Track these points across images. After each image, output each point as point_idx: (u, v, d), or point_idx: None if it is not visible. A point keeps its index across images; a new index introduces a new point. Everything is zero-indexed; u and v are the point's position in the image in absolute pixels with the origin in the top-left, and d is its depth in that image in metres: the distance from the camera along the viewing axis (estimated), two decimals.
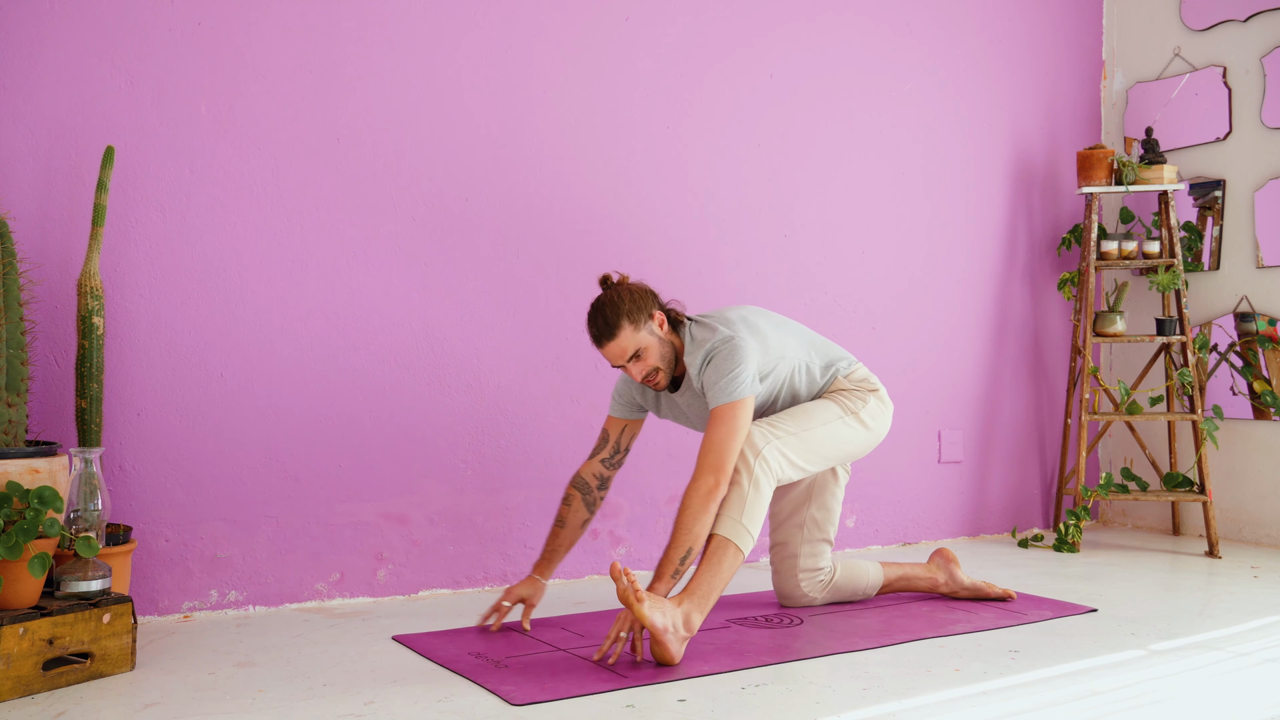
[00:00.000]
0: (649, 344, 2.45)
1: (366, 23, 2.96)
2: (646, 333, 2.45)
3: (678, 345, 2.51)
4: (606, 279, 2.51)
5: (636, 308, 2.43)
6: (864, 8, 3.82)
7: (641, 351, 2.45)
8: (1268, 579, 3.25)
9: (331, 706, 2.00)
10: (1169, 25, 4.23)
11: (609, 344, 2.43)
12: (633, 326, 2.42)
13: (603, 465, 2.68)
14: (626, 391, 2.68)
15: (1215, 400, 3.98)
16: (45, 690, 2.06)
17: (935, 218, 3.99)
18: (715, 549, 2.31)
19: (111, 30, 2.66)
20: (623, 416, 2.69)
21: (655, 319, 2.46)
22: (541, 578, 2.61)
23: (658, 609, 2.19)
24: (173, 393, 2.73)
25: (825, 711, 1.97)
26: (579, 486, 2.66)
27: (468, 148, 3.10)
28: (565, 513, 2.64)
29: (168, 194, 2.73)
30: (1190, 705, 2.02)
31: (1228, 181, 4.02)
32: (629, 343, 2.43)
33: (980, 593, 2.89)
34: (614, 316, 2.42)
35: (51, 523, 2.08)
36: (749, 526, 2.34)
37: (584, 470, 2.68)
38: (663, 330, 2.48)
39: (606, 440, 2.69)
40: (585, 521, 2.66)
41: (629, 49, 3.36)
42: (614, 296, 2.44)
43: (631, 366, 2.46)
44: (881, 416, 2.67)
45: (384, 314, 2.98)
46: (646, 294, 2.48)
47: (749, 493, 2.35)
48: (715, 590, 2.29)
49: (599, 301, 2.46)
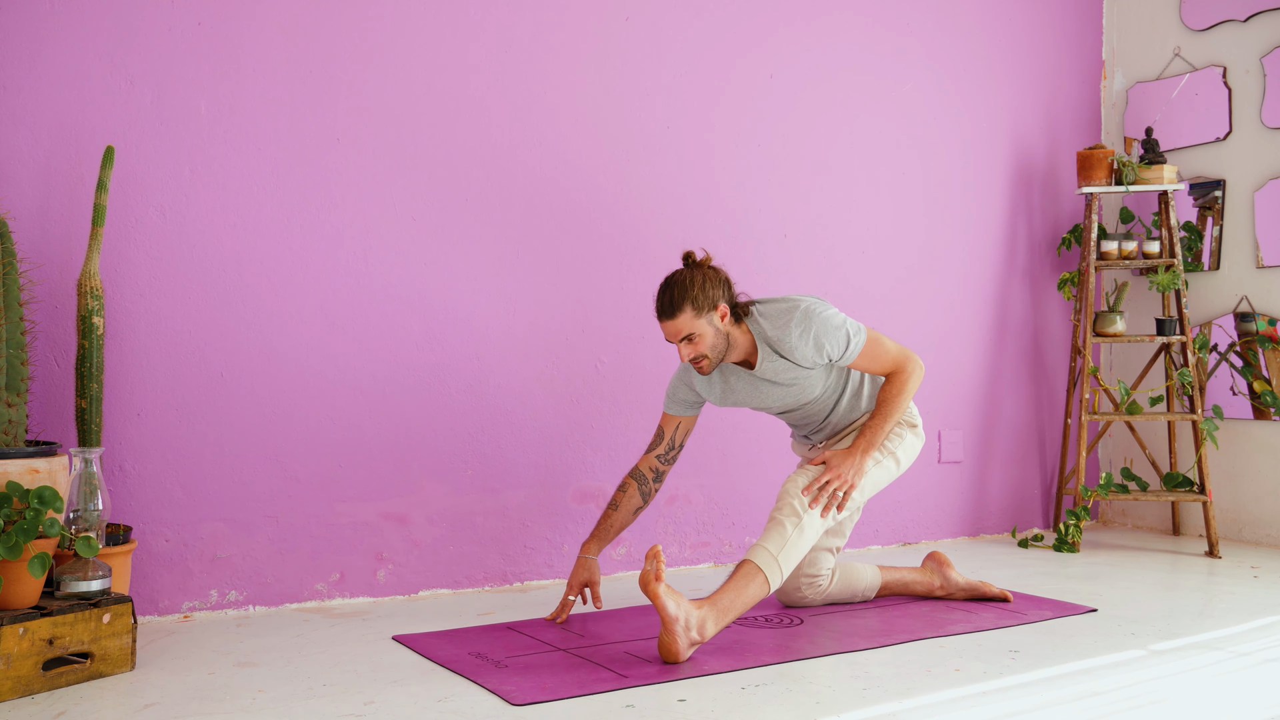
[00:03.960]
0: (705, 332, 2.50)
1: (366, 22, 2.96)
2: (706, 321, 2.50)
3: (735, 336, 2.56)
4: (689, 256, 2.56)
5: (704, 295, 2.49)
6: (864, 8, 3.82)
7: (695, 337, 2.50)
8: (1268, 579, 3.25)
9: (331, 706, 2.00)
10: (1169, 25, 4.23)
11: (667, 322, 2.51)
12: (694, 312, 2.48)
13: (659, 460, 2.76)
14: (684, 387, 2.73)
15: (1215, 400, 3.98)
16: (45, 690, 2.06)
17: (935, 217, 3.99)
18: (746, 573, 2.38)
19: (111, 30, 2.66)
20: (678, 414, 2.76)
21: (719, 310, 2.51)
22: (593, 556, 2.68)
23: (673, 598, 2.23)
24: (173, 393, 2.73)
25: (825, 711, 1.97)
26: (636, 477, 2.74)
27: (468, 148, 3.10)
28: (620, 498, 2.73)
29: (168, 194, 2.73)
30: (1190, 705, 2.02)
31: (1228, 181, 4.02)
32: (686, 326, 2.49)
33: (977, 592, 2.90)
34: (680, 299, 2.48)
35: (51, 523, 2.08)
36: (783, 565, 2.41)
37: (641, 464, 2.76)
38: (724, 322, 2.53)
39: (662, 437, 2.77)
40: (638, 509, 2.75)
41: (629, 49, 3.36)
42: (688, 278, 2.50)
43: (682, 346, 2.53)
44: (912, 452, 2.75)
45: (384, 314, 2.98)
46: (719, 283, 2.53)
47: (791, 534, 2.43)
48: (735, 610, 2.34)
49: (673, 278, 2.52)
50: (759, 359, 2.58)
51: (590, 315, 3.26)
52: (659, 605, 2.21)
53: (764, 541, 2.43)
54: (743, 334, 2.57)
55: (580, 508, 3.24)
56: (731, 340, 2.56)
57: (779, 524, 2.44)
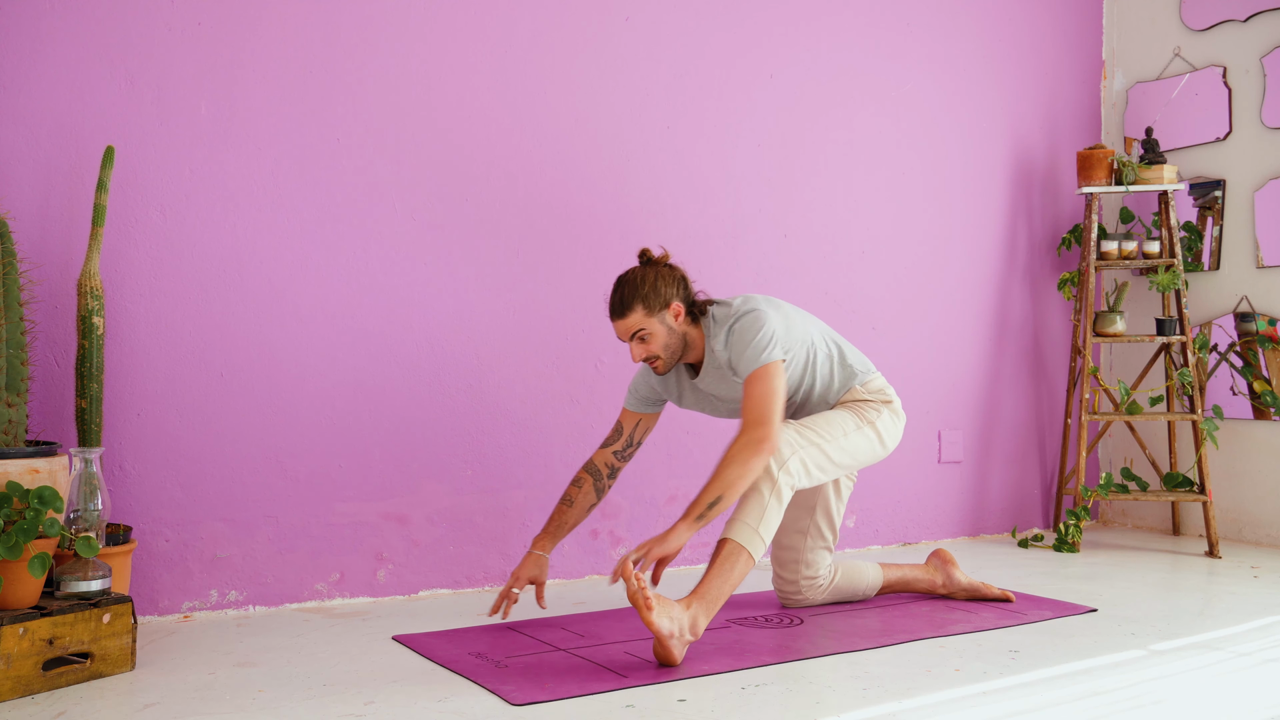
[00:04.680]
0: (656, 331, 2.47)
1: (366, 22, 2.96)
2: (658, 321, 2.47)
3: (693, 337, 2.53)
4: (645, 253, 2.54)
5: (656, 294, 2.45)
6: (864, 8, 3.82)
7: (646, 336, 2.47)
8: (1268, 579, 3.25)
9: (331, 706, 2.00)
10: (1169, 25, 4.23)
11: (618, 321, 2.48)
12: (645, 311, 2.45)
13: (615, 456, 2.71)
14: (645, 385, 2.69)
15: (1215, 400, 3.98)
16: (45, 690, 2.06)
17: (935, 218, 3.99)
18: (728, 554, 2.31)
19: (111, 30, 2.66)
20: (637, 410, 2.71)
21: (672, 309, 2.48)
22: (544, 553, 2.61)
23: (665, 614, 2.19)
24: (173, 393, 2.73)
25: (825, 711, 1.97)
26: (591, 471, 2.68)
27: (468, 148, 3.10)
28: (575, 493, 2.67)
29: (168, 194, 2.73)
30: (1190, 705, 2.02)
31: (1228, 181, 4.02)
32: (636, 324, 2.46)
33: (978, 593, 2.89)
34: (631, 297, 2.46)
35: (51, 523, 2.08)
36: (763, 535, 2.34)
37: (596, 458, 2.70)
38: (677, 321, 2.49)
39: (620, 433, 2.72)
40: (592, 505, 2.69)
41: (629, 49, 3.36)
42: (640, 277, 2.47)
43: (634, 345, 2.49)
44: (894, 429, 2.68)
45: (384, 314, 2.98)
46: (673, 282, 2.49)
47: (769, 501, 2.36)
48: (724, 595, 2.30)
49: (625, 276, 2.50)
50: (704, 362, 2.55)
51: (590, 315, 3.26)
52: (654, 629, 2.17)
53: (742, 515, 2.35)
54: (699, 334, 2.54)
55: None
56: (688, 340, 2.52)
57: (756, 491, 2.36)
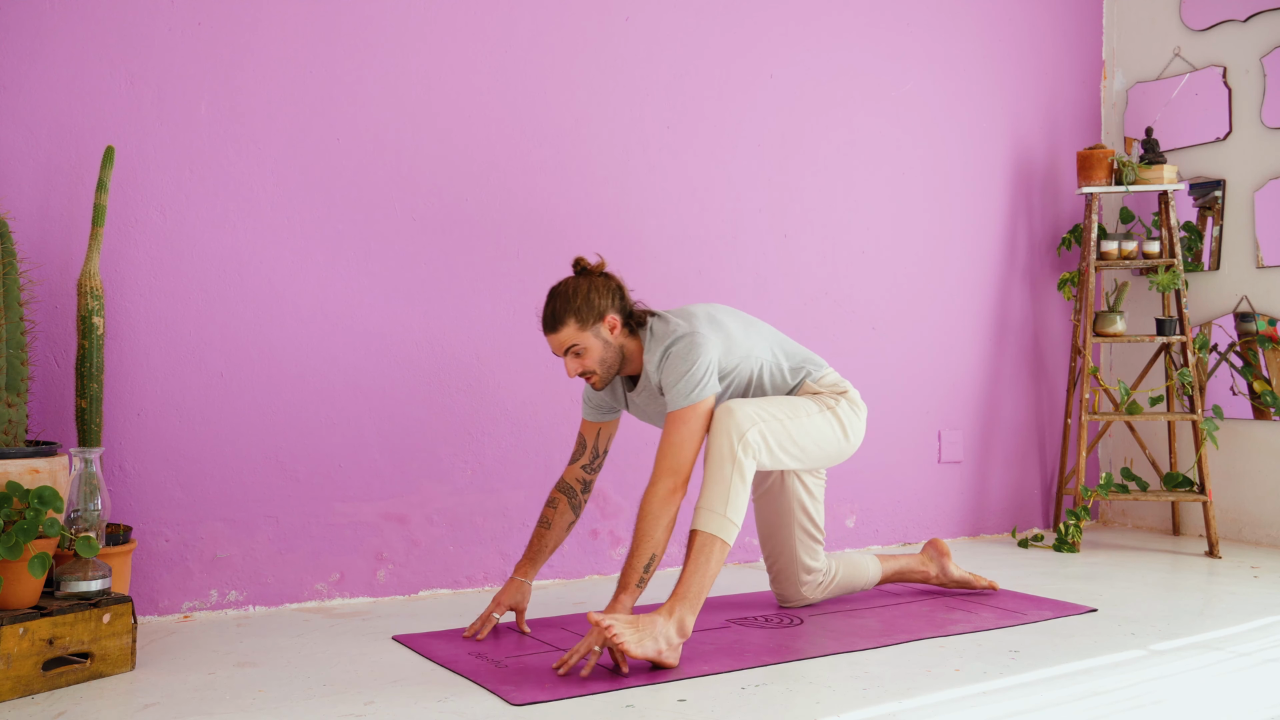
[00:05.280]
0: (590, 346, 2.40)
1: (367, 22, 2.96)
2: (592, 334, 2.39)
3: (630, 349, 2.46)
4: (579, 263, 2.47)
5: (589, 307, 2.38)
6: (864, 8, 3.82)
7: (580, 350, 2.40)
8: (1268, 579, 3.25)
9: (331, 706, 2.00)
10: (1169, 25, 4.23)
11: (550, 335, 2.41)
12: (578, 326, 2.38)
13: (584, 471, 2.65)
14: (595, 394, 2.63)
15: (1215, 400, 3.98)
16: (45, 690, 2.06)
17: (935, 218, 3.99)
18: (701, 547, 2.25)
19: (111, 30, 2.66)
20: (595, 420, 2.64)
21: (607, 322, 2.40)
22: (526, 579, 2.57)
23: (647, 639, 2.15)
24: (173, 393, 2.73)
25: (825, 711, 1.97)
26: (564, 491, 2.63)
27: (467, 148, 3.10)
28: (551, 515, 2.61)
29: (168, 194, 2.73)
30: (1190, 705, 2.02)
31: (1228, 181, 4.02)
32: (569, 339, 2.39)
33: (968, 585, 2.96)
34: (562, 311, 2.38)
35: (51, 523, 2.08)
36: (733, 518, 2.28)
37: (567, 475, 2.64)
38: (612, 334, 2.41)
39: (584, 446, 2.65)
40: (570, 524, 2.63)
41: (629, 49, 3.36)
42: (572, 289, 2.40)
43: (568, 360, 2.42)
44: (855, 421, 2.58)
45: (384, 314, 2.98)
46: (608, 293, 2.41)
47: (733, 479, 2.28)
48: (705, 589, 2.25)
49: (557, 288, 2.43)
50: (640, 377, 2.48)
51: None
52: (641, 658, 2.15)
53: (707, 502, 2.27)
54: (638, 346, 2.45)
55: None
56: (626, 353, 2.45)
57: (718, 472, 2.28)
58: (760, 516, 2.78)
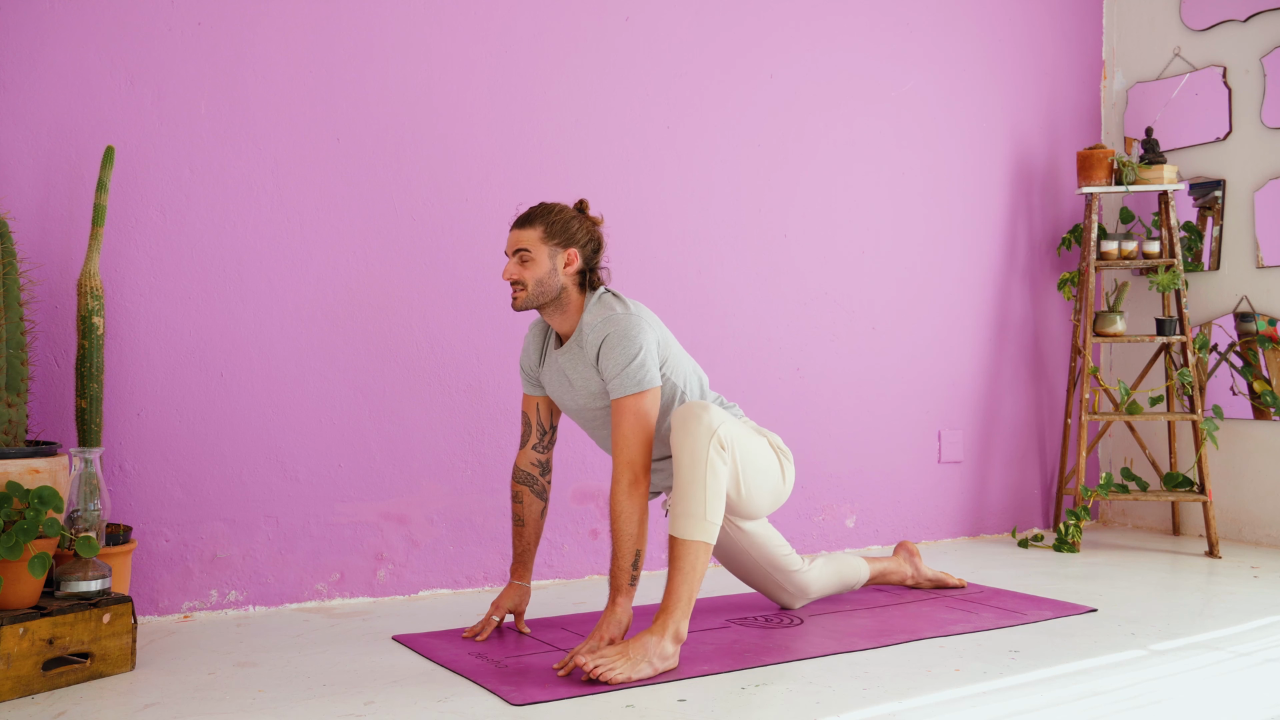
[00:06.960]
0: (539, 259, 2.36)
1: (367, 22, 2.96)
2: (547, 252, 2.37)
3: (571, 301, 2.41)
4: (580, 202, 2.48)
5: (563, 229, 2.38)
6: (864, 9, 3.82)
7: (528, 259, 2.37)
8: (1268, 579, 3.25)
9: (331, 706, 2.00)
10: (1169, 25, 4.23)
11: (514, 230, 2.40)
12: (542, 235, 2.37)
13: (536, 451, 2.59)
14: (525, 358, 2.58)
15: (1215, 400, 3.98)
16: (45, 690, 2.06)
17: (935, 218, 3.99)
18: (684, 554, 2.22)
19: (111, 30, 2.66)
20: (534, 393, 2.59)
21: (567, 254, 2.38)
22: (523, 582, 2.56)
23: (641, 663, 2.14)
24: (173, 393, 2.73)
25: (825, 711, 1.97)
26: (524, 480, 2.57)
27: (468, 147, 3.10)
28: (520, 511, 2.57)
29: (168, 194, 2.73)
30: (1190, 705, 2.02)
31: (1228, 181, 4.02)
32: (527, 242, 2.37)
33: (941, 583, 3.03)
34: (538, 216, 2.40)
35: (51, 523, 2.08)
36: (713, 519, 2.24)
37: (520, 462, 2.58)
38: (565, 270, 2.38)
39: (529, 424, 2.59)
40: (543, 511, 2.59)
41: (630, 50, 3.36)
42: (557, 209, 2.41)
43: (511, 262, 2.39)
44: (789, 467, 2.54)
45: (384, 314, 2.98)
46: (585, 236, 2.41)
47: (707, 481, 2.24)
48: (695, 591, 2.23)
49: (546, 203, 2.45)
50: (572, 337, 2.43)
51: None
52: (633, 682, 2.13)
53: (684, 506, 2.23)
54: (579, 304, 2.42)
55: (580, 508, 3.24)
56: (564, 297, 2.39)
57: (690, 473, 2.23)
58: (722, 562, 2.73)
